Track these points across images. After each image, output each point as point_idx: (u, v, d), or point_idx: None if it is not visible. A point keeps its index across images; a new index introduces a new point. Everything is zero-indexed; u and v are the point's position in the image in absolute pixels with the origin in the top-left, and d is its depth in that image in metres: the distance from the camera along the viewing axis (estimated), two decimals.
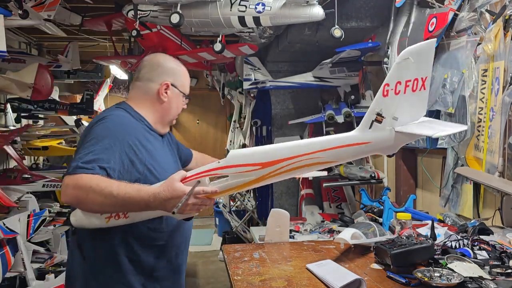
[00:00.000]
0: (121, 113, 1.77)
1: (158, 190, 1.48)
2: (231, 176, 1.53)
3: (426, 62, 1.44)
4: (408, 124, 1.44)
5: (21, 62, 4.77)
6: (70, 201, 1.53)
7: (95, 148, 1.57)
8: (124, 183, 1.52)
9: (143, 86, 1.84)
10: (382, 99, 1.43)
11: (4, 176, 4.71)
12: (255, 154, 1.55)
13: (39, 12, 3.45)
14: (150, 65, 1.86)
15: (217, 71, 6.81)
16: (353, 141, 1.49)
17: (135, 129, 1.73)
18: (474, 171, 2.43)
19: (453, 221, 2.49)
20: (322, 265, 1.82)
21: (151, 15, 3.40)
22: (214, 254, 6.13)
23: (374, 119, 1.44)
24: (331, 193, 4.72)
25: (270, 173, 1.51)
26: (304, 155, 1.49)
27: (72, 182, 1.49)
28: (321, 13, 2.97)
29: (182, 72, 1.90)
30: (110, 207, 1.52)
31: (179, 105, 1.90)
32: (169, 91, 1.83)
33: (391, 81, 1.42)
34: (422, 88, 1.44)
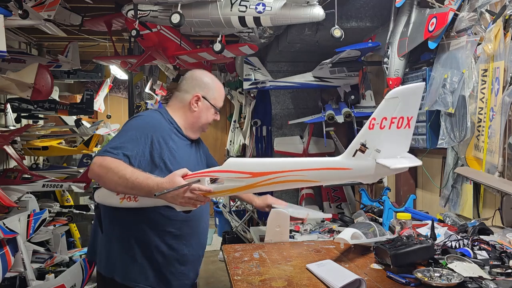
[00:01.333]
0: (154, 114, 2.09)
1: (161, 181, 1.72)
2: (226, 180, 1.73)
3: (413, 103, 1.54)
4: (388, 158, 1.54)
5: (21, 62, 4.77)
6: (93, 176, 1.83)
7: (123, 138, 1.91)
8: (138, 170, 1.79)
9: (180, 95, 2.15)
10: (368, 131, 1.54)
11: (4, 176, 4.71)
12: (248, 164, 1.73)
13: (39, 12, 3.45)
14: (188, 78, 2.17)
15: (217, 71, 6.81)
16: (336, 166, 1.62)
17: (161, 128, 2.02)
18: (474, 171, 2.43)
19: (453, 221, 2.49)
20: (322, 265, 1.82)
21: (151, 15, 3.39)
22: (214, 254, 6.13)
23: (358, 148, 1.56)
24: (331, 193, 4.72)
25: (258, 183, 1.68)
26: (290, 171, 1.64)
27: (98, 161, 1.81)
28: (322, 13, 2.96)
29: (216, 88, 2.17)
30: (121, 187, 1.78)
31: (208, 116, 2.16)
32: (200, 102, 2.12)
33: (377, 116, 1.52)
34: (407, 127, 1.54)
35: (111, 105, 8.16)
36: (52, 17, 3.57)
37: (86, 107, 6.15)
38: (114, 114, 8.22)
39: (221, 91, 2.21)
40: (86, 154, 6.13)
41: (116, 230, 2.02)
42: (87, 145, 5.89)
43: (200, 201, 1.75)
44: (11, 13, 3.18)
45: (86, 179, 5.10)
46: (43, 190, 4.98)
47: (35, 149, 5.81)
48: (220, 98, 2.20)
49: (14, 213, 3.96)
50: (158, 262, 2.02)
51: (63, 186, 4.96)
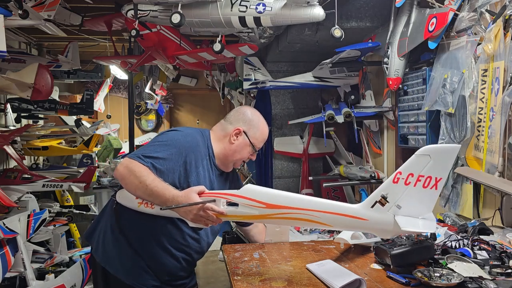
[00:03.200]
0: (196, 134, 2.07)
1: (178, 194, 1.76)
2: (240, 205, 1.71)
3: (445, 164, 1.47)
4: (407, 217, 1.48)
5: (21, 62, 4.76)
6: (117, 176, 1.88)
7: (158, 150, 1.92)
8: (159, 179, 1.82)
9: (224, 124, 2.15)
10: (391, 184, 1.48)
11: (4, 176, 4.71)
12: (264, 193, 1.70)
13: (39, 12, 3.45)
14: (236, 111, 2.18)
15: (217, 71, 6.81)
16: (352, 214, 1.57)
17: (197, 151, 2.02)
18: (474, 171, 2.43)
19: (453, 221, 2.49)
20: (322, 265, 1.82)
21: (151, 15, 3.39)
22: (214, 254, 6.11)
23: (378, 200, 1.50)
24: (331, 193, 4.72)
25: (270, 215, 1.66)
26: (304, 210, 1.61)
27: (125, 163, 1.86)
28: (322, 13, 2.96)
29: (261, 128, 2.15)
30: (140, 192, 1.83)
31: (244, 152, 2.12)
32: (240, 136, 2.10)
33: (404, 170, 1.47)
34: (434, 188, 1.47)
35: (111, 105, 8.15)
36: (52, 17, 3.56)
37: (86, 107, 6.15)
38: (114, 114, 8.22)
39: (264, 132, 2.18)
40: (86, 154, 6.12)
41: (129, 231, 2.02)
42: (87, 145, 5.88)
43: (212, 221, 1.76)
44: (11, 13, 3.18)
45: (86, 179, 5.09)
46: (43, 190, 4.98)
47: (35, 149, 5.80)
48: (261, 139, 2.18)
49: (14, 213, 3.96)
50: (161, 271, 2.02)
51: (63, 186, 4.95)
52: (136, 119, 8.43)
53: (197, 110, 8.89)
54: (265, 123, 2.20)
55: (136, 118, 8.42)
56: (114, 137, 7.66)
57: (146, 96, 7.07)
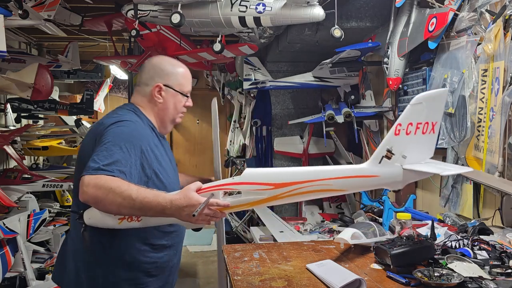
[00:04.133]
0: (135, 118, 1.84)
1: (175, 197, 1.55)
2: (244, 192, 1.61)
3: (437, 108, 1.55)
4: (415, 163, 1.53)
5: (21, 62, 4.77)
6: (89, 199, 1.57)
7: (114, 152, 1.64)
8: (143, 188, 1.58)
9: (141, 89, 1.92)
10: (394, 137, 1.52)
11: (4, 176, 4.71)
12: (269, 174, 1.63)
13: (39, 12, 3.45)
14: (145, 69, 1.92)
15: (217, 71, 6.81)
16: (363, 173, 1.58)
17: (146, 135, 1.82)
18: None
19: (453, 221, 2.49)
20: (322, 265, 1.82)
21: (151, 15, 3.40)
22: (214, 254, 6.12)
23: (384, 155, 1.53)
24: None
25: (281, 194, 1.59)
26: (316, 180, 1.57)
27: (93, 182, 1.54)
28: (322, 13, 2.97)
29: (179, 72, 1.93)
30: (127, 209, 1.56)
31: (177, 105, 1.93)
32: (163, 92, 1.89)
33: (403, 121, 1.51)
34: (432, 132, 1.54)
35: (111, 105, 8.15)
36: (52, 17, 3.57)
37: (86, 107, 6.15)
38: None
39: (185, 72, 1.95)
40: None
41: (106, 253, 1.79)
42: None
43: (216, 217, 1.61)
44: (11, 13, 3.18)
45: None
46: (43, 190, 4.98)
47: (35, 149, 5.81)
48: (187, 82, 1.96)
49: (14, 213, 3.96)
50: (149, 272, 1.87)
51: (63, 186, 4.96)
52: None
53: (197, 110, 8.87)
54: (180, 63, 1.98)
55: None
56: None
57: None
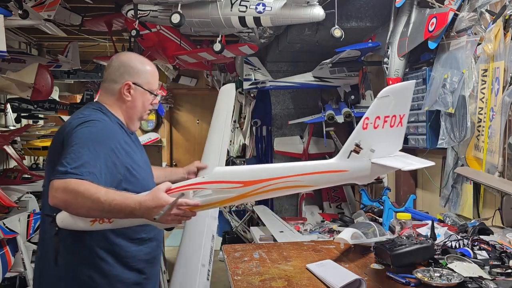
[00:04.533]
0: (101, 116, 1.81)
1: (144, 199, 1.54)
2: (214, 191, 1.60)
3: (405, 101, 1.54)
4: (383, 157, 1.53)
5: (21, 62, 4.77)
6: (58, 204, 1.57)
7: (82, 154, 1.61)
8: (112, 190, 1.57)
9: (109, 86, 1.89)
10: (361, 131, 1.51)
11: (4, 176, 4.71)
12: (238, 172, 1.64)
13: (39, 12, 3.45)
14: (113, 66, 1.89)
15: (217, 71, 6.81)
16: (331, 168, 1.58)
17: (115, 133, 1.80)
18: (474, 171, 2.43)
19: (453, 221, 2.49)
20: (322, 265, 1.82)
21: (151, 15, 3.40)
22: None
23: (353, 149, 1.53)
24: (331, 193, 4.72)
25: (251, 192, 1.59)
26: (284, 177, 1.57)
27: (62, 186, 1.54)
28: (322, 13, 2.97)
29: (149, 71, 1.92)
30: (97, 212, 1.57)
31: (145, 103, 1.92)
32: (132, 90, 1.87)
33: (371, 115, 1.50)
34: (399, 125, 1.53)
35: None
36: (52, 17, 3.57)
37: None
38: None
39: (154, 72, 1.95)
40: None
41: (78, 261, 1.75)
42: None
43: (187, 217, 1.61)
44: (11, 13, 3.18)
45: None
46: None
47: (35, 149, 5.80)
48: (155, 80, 1.95)
49: (14, 213, 3.96)
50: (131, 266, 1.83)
51: None
52: None
53: (197, 110, 8.88)
54: (148, 61, 1.96)
55: None
56: None
57: None
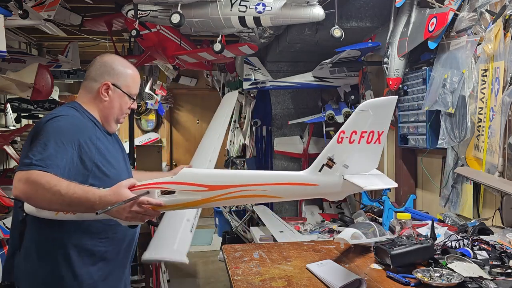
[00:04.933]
0: (73, 112, 1.80)
1: (104, 194, 1.52)
2: (178, 192, 1.57)
3: (385, 117, 1.44)
4: (357, 175, 1.44)
5: (21, 62, 4.76)
6: (19, 195, 1.57)
7: (48, 147, 1.60)
8: (74, 183, 1.54)
9: (89, 84, 1.87)
10: (336, 145, 1.44)
11: (4, 176, 4.71)
12: (204, 175, 1.61)
13: (39, 12, 3.45)
14: (95, 65, 1.88)
15: (217, 71, 6.81)
16: (301, 181, 1.50)
17: (86, 128, 1.77)
18: (474, 171, 2.43)
19: (453, 221, 2.49)
20: (322, 265, 1.82)
21: (151, 15, 3.40)
22: (214, 254, 6.13)
23: (325, 163, 1.45)
24: None
25: (216, 197, 1.55)
26: (251, 185, 1.52)
27: (24, 177, 1.54)
28: (322, 13, 2.97)
29: (129, 74, 1.89)
30: (57, 204, 1.55)
31: (122, 106, 1.89)
32: (110, 91, 1.85)
33: (347, 129, 1.42)
34: (377, 142, 1.44)
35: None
36: (52, 17, 3.57)
37: None
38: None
39: (135, 75, 1.92)
40: None
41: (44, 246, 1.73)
42: None
43: (149, 215, 1.56)
44: (11, 13, 3.18)
45: None
46: None
47: None
48: (135, 85, 1.92)
49: None
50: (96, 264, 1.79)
51: None
52: (136, 119, 8.43)
53: (197, 110, 8.88)
54: (131, 65, 1.94)
55: (136, 118, 8.42)
56: None
57: (146, 96, 7.06)
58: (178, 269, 5.54)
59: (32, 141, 1.67)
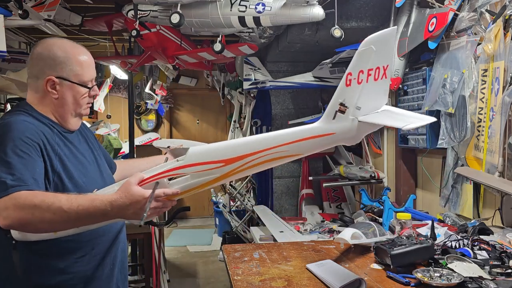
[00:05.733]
0: (23, 117, 1.54)
1: (115, 197, 1.36)
2: (192, 175, 1.44)
3: (387, 50, 1.41)
4: (371, 114, 1.40)
5: (21, 62, 4.77)
6: (13, 224, 1.35)
7: (12, 160, 1.38)
8: (73, 195, 1.39)
9: (32, 83, 1.62)
10: (345, 88, 1.39)
11: None
12: (217, 150, 1.47)
13: (39, 12, 3.45)
14: (32, 60, 1.61)
15: (217, 71, 6.81)
16: (317, 133, 1.44)
17: (41, 132, 1.53)
18: (474, 171, 2.43)
19: (453, 221, 2.49)
20: (322, 265, 1.82)
21: (151, 15, 3.40)
22: (214, 254, 6.13)
23: (338, 109, 1.40)
24: (331, 193, 4.72)
25: (234, 170, 1.44)
26: (269, 149, 1.43)
27: (10, 203, 1.31)
28: (321, 13, 2.97)
29: (75, 60, 1.60)
30: (61, 223, 1.37)
31: (77, 98, 1.62)
32: (57, 85, 1.58)
33: (353, 70, 1.37)
34: (384, 77, 1.39)
35: (111, 105, 8.15)
36: (52, 17, 3.57)
37: None
38: (114, 114, 8.23)
39: (83, 59, 1.62)
40: None
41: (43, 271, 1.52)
42: None
43: (166, 208, 1.45)
44: (11, 13, 3.18)
45: None
46: None
47: None
48: (86, 69, 1.62)
49: None
50: None
51: None
52: (136, 119, 8.44)
53: (197, 110, 8.89)
54: (74, 46, 1.64)
55: (136, 118, 8.42)
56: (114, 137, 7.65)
57: (146, 96, 7.07)
58: (178, 269, 5.55)
59: None
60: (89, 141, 1.77)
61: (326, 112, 1.43)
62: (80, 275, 1.56)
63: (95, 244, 1.60)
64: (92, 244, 1.59)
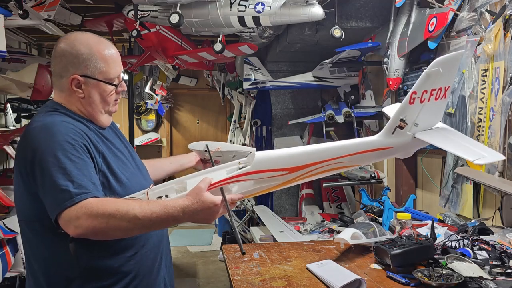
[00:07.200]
0: (60, 118, 1.49)
1: (187, 203, 1.36)
2: (256, 181, 1.48)
3: (452, 72, 1.50)
4: (427, 131, 1.51)
5: (21, 62, 4.77)
6: (86, 233, 1.32)
7: (66, 166, 1.34)
8: (145, 201, 1.38)
9: (57, 82, 1.56)
10: (408, 106, 1.49)
11: (4, 176, 4.71)
12: (282, 158, 1.51)
13: (39, 12, 3.45)
14: (56, 57, 1.54)
15: (217, 71, 6.82)
16: (377, 146, 1.55)
17: (84, 132, 1.48)
18: (474, 171, 2.43)
19: (453, 221, 2.49)
20: (322, 265, 1.82)
21: (151, 15, 3.40)
22: (214, 254, 6.13)
23: (398, 125, 1.51)
24: (331, 193, 4.72)
25: (296, 177, 1.51)
26: (331, 159, 1.51)
27: (82, 212, 1.29)
28: (321, 13, 2.97)
29: (99, 56, 1.52)
30: (135, 230, 1.38)
31: (104, 96, 1.56)
32: (82, 84, 1.51)
33: (418, 89, 1.47)
34: (444, 97, 1.51)
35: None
36: (52, 17, 3.57)
37: None
38: (114, 114, 8.19)
39: (108, 55, 1.54)
40: None
41: None
42: None
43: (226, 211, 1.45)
44: (11, 13, 3.18)
45: None
46: None
47: None
48: (111, 65, 1.54)
49: (14, 213, 3.96)
50: None
51: None
52: (136, 119, 8.44)
53: (197, 110, 8.89)
54: (98, 40, 1.55)
55: (136, 118, 8.42)
56: None
57: (146, 96, 7.07)
58: (178, 269, 5.55)
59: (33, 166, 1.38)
60: (120, 136, 1.73)
61: (386, 127, 1.54)
62: (133, 273, 1.53)
63: (146, 241, 1.58)
64: (143, 241, 1.57)
